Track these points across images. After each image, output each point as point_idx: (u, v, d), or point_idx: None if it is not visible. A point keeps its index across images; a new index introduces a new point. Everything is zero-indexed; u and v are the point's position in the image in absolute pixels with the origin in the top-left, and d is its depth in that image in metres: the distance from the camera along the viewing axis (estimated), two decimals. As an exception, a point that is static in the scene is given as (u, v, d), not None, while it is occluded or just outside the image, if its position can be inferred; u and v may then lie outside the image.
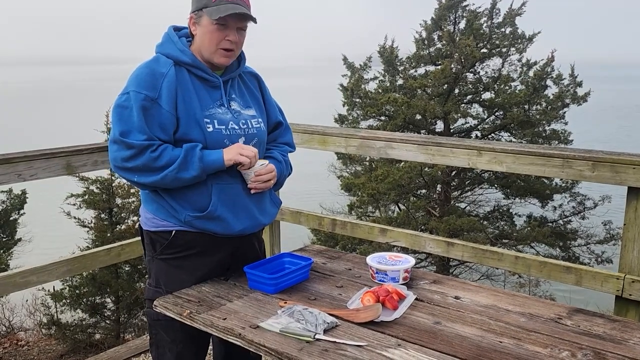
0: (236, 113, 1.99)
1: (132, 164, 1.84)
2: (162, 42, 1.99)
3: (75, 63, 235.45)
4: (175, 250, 1.97)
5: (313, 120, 3.73)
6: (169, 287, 1.95)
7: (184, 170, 1.85)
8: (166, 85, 1.87)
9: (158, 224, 1.97)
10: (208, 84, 1.96)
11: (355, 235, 3.34)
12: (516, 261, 2.71)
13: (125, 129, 1.84)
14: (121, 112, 1.86)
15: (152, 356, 2.08)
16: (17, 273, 2.65)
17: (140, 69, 1.92)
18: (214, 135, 1.92)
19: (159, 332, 2.01)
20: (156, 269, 2.01)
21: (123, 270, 8.42)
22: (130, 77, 1.92)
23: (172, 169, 1.84)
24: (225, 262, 2.05)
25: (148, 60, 1.95)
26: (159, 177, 1.85)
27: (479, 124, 11.85)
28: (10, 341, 7.79)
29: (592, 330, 1.65)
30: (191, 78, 1.93)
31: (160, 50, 1.96)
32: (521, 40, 11.47)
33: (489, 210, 11.81)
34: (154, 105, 1.85)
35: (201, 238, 1.95)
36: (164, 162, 1.84)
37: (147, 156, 1.83)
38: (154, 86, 1.86)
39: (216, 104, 1.96)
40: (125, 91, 1.88)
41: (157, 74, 1.88)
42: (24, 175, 2.54)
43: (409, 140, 2.95)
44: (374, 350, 1.51)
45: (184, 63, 1.92)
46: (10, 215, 9.51)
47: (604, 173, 2.38)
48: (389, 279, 1.94)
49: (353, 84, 11.57)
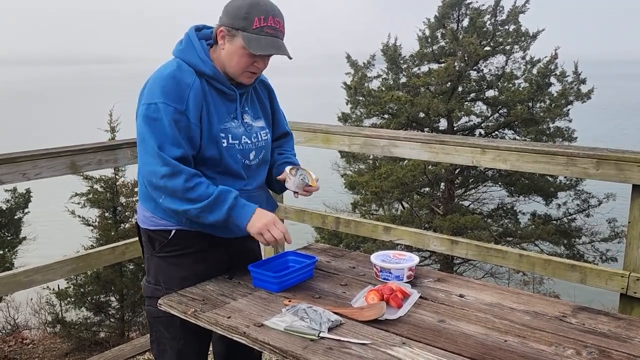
0: (248, 127, 1.98)
1: (163, 183, 1.80)
2: (183, 47, 1.90)
3: (78, 62, 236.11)
4: (174, 249, 1.97)
5: (316, 119, 3.73)
6: (168, 284, 1.96)
7: (208, 212, 1.82)
8: (193, 97, 1.82)
9: (157, 223, 1.96)
10: (225, 96, 1.92)
11: (359, 233, 3.34)
12: (520, 259, 2.71)
13: (160, 142, 1.79)
14: (152, 124, 1.80)
15: (153, 354, 2.08)
16: (21, 272, 2.66)
17: (165, 79, 1.83)
18: (229, 150, 1.91)
19: (159, 329, 2.01)
20: (155, 266, 2.01)
21: (127, 268, 8.44)
22: (153, 85, 1.84)
23: (197, 207, 1.80)
24: (225, 260, 2.05)
25: (170, 68, 1.86)
26: (182, 209, 1.82)
27: (483, 121, 11.82)
28: (16, 339, 7.82)
29: (596, 328, 1.65)
30: (209, 89, 1.89)
31: (180, 56, 1.88)
32: (525, 38, 11.44)
33: (493, 208, 11.79)
34: (182, 117, 1.81)
35: (200, 237, 1.95)
36: (194, 196, 1.80)
37: (180, 184, 1.79)
38: (181, 98, 1.81)
39: (230, 116, 1.93)
40: (152, 101, 1.81)
41: (183, 85, 1.82)
42: (28, 174, 2.55)
43: (413, 138, 2.95)
44: (378, 348, 1.51)
45: (204, 74, 1.87)
46: (15, 214, 9.53)
47: (608, 171, 2.38)
48: (393, 277, 1.93)
49: (356, 82, 11.55)
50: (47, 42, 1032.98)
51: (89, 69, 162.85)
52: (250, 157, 1.98)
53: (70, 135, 4.85)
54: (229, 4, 1.85)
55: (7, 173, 2.49)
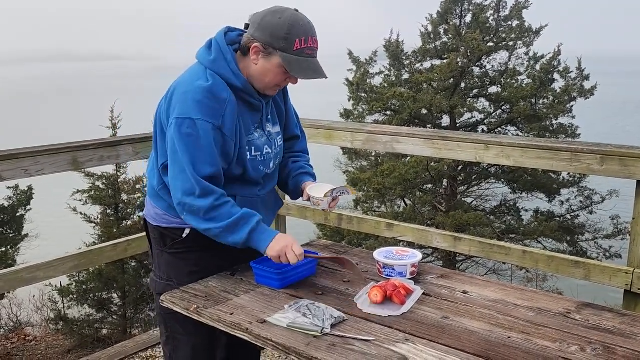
0: (270, 135, 1.97)
1: (189, 201, 1.78)
2: (214, 58, 1.82)
3: (78, 60, 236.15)
4: (185, 245, 1.97)
5: (318, 115, 3.71)
6: (179, 279, 1.96)
7: (230, 232, 1.81)
8: (229, 112, 1.79)
9: (170, 221, 1.96)
10: (251, 107, 1.89)
11: (362, 230, 3.33)
12: (524, 256, 2.70)
13: (192, 159, 1.76)
14: (186, 140, 1.76)
15: (167, 350, 2.06)
16: (23, 269, 2.66)
17: (202, 93, 1.77)
18: (252, 162, 1.90)
19: (173, 325, 2.00)
20: (166, 262, 2.00)
21: (129, 265, 8.45)
22: (187, 97, 1.77)
23: (218, 227, 1.79)
24: (241, 258, 2.03)
25: (204, 80, 1.79)
26: (203, 228, 1.81)
27: (486, 118, 11.80)
28: (18, 336, 7.84)
29: (601, 324, 1.63)
30: (238, 102, 1.85)
31: (211, 67, 1.82)
32: (528, 34, 11.40)
33: (496, 205, 11.78)
34: (219, 134, 1.78)
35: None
36: (216, 215, 1.79)
37: (207, 204, 1.78)
38: (218, 113, 1.77)
39: (254, 126, 1.91)
40: (187, 116, 1.75)
41: (220, 100, 1.78)
42: (30, 170, 2.55)
43: (416, 134, 2.93)
44: (381, 345, 1.50)
45: (236, 87, 1.83)
46: (17, 211, 9.55)
47: (612, 167, 2.36)
48: (396, 273, 1.92)
49: (359, 78, 11.53)
50: (47, 40, 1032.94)
51: (90, 67, 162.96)
52: (270, 166, 1.98)
53: (72, 133, 4.85)
54: (266, 19, 1.78)
55: (8, 169, 2.49)
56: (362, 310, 1.69)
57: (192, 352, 2.00)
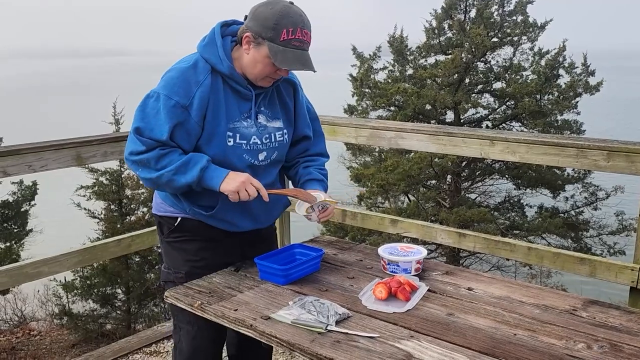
0: (261, 127, 1.94)
1: (139, 158, 1.83)
2: (205, 43, 1.88)
3: (81, 56, 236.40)
4: (180, 235, 2.00)
5: (321, 111, 3.69)
6: (175, 268, 1.99)
7: (181, 173, 1.81)
8: (199, 94, 1.81)
9: (166, 209, 2.00)
10: (239, 95, 1.89)
11: (366, 226, 3.32)
12: (529, 252, 2.68)
13: (146, 125, 1.81)
14: (145, 109, 1.82)
15: (174, 339, 2.10)
16: (28, 264, 2.66)
17: (175, 71, 1.84)
18: (234, 149, 1.89)
19: (177, 314, 2.03)
20: (165, 251, 2.05)
21: (133, 261, 8.48)
22: (163, 78, 1.86)
23: (169, 169, 1.81)
24: (231, 250, 2.04)
25: (185, 64, 1.86)
26: (156, 175, 1.82)
27: (490, 114, 11.75)
28: (23, 331, 7.88)
29: (608, 322, 1.62)
30: (224, 87, 1.87)
31: (201, 52, 1.87)
32: (533, 29, 11.34)
33: (500, 201, 11.75)
34: (183, 112, 1.80)
35: (205, 228, 1.96)
36: (166, 161, 1.81)
37: (156, 152, 1.81)
38: (186, 93, 1.80)
39: (243, 116, 1.90)
40: (156, 91, 1.82)
41: (193, 82, 1.81)
42: (34, 166, 2.55)
43: (420, 130, 2.92)
44: (386, 341, 1.50)
45: (220, 72, 1.85)
46: (22, 206, 9.58)
47: (619, 163, 2.34)
48: (400, 270, 1.91)
49: (362, 74, 11.50)
50: (50, 36, 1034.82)
51: (93, 63, 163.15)
52: (259, 158, 1.95)
53: (75, 128, 4.85)
54: (258, 9, 1.81)
55: (12, 165, 2.49)
56: (367, 307, 1.69)
57: (194, 342, 2.02)
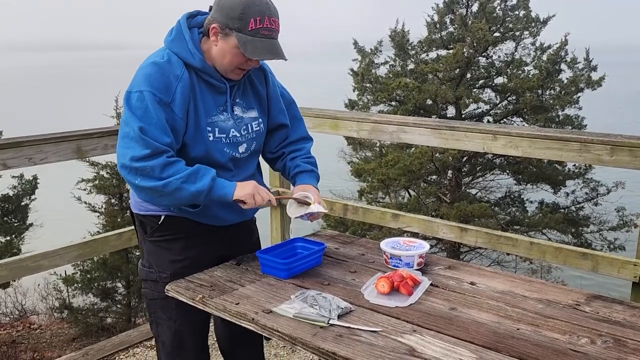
0: (238, 119, 1.92)
1: (141, 164, 1.74)
2: (172, 37, 1.84)
3: (82, 48, 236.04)
4: (165, 233, 1.96)
5: (322, 106, 3.68)
6: (160, 267, 1.96)
7: (191, 182, 1.75)
8: (180, 90, 1.77)
9: (148, 208, 1.95)
10: (214, 89, 1.87)
11: (367, 220, 3.31)
12: (531, 247, 2.67)
13: (145, 126, 1.74)
14: (135, 110, 1.74)
15: (153, 333, 2.10)
16: (28, 257, 2.65)
17: (151, 67, 1.78)
18: (215, 144, 1.86)
19: (156, 310, 2.01)
20: (147, 250, 2.00)
21: (134, 255, 8.47)
22: (139, 74, 1.79)
23: (178, 177, 1.74)
24: (220, 246, 2.02)
25: (159, 59, 1.81)
26: (162, 183, 1.74)
27: (491, 109, 11.72)
28: (23, 324, 7.89)
29: (611, 317, 1.61)
30: (198, 82, 1.84)
31: (170, 47, 1.83)
32: (535, 24, 11.30)
33: (500, 196, 11.73)
34: (167, 109, 1.76)
35: (190, 224, 1.93)
36: (172, 171, 1.75)
37: (162, 159, 1.74)
38: (167, 89, 1.76)
39: (219, 109, 1.88)
40: (137, 89, 1.76)
41: (172, 77, 1.77)
42: (34, 159, 2.54)
43: (423, 124, 2.90)
44: (389, 335, 1.49)
45: (193, 66, 1.82)
46: (22, 200, 9.57)
47: (622, 157, 2.33)
48: (403, 264, 1.91)
49: (363, 68, 11.47)
50: (52, 29, 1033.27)
51: (94, 56, 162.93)
52: (239, 150, 1.93)
53: (76, 122, 4.83)
54: (223, 0, 1.77)
55: (12, 157, 2.48)
56: (369, 301, 1.68)
57: (175, 336, 2.01)
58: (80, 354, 2.98)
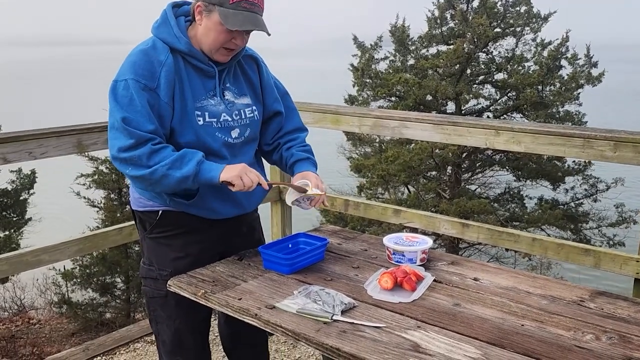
0: (229, 104, 1.90)
1: (128, 154, 1.74)
2: (158, 24, 1.85)
3: (82, 43, 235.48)
4: (164, 230, 1.94)
5: (322, 101, 3.66)
6: (160, 265, 1.95)
7: (176, 168, 1.74)
8: (165, 74, 1.77)
9: (145, 204, 1.94)
10: (202, 73, 1.86)
11: (368, 216, 3.30)
12: (533, 243, 2.67)
13: (129, 116, 1.74)
14: (121, 99, 1.75)
15: (153, 331, 2.09)
16: (28, 252, 2.64)
17: (136, 54, 1.79)
18: (205, 129, 1.84)
19: (156, 309, 2.00)
20: (147, 247, 1.99)
21: (133, 250, 8.48)
22: (125, 63, 1.80)
23: (164, 164, 1.74)
24: (219, 241, 2.01)
25: (144, 46, 1.82)
26: (149, 171, 1.74)
27: (491, 105, 11.72)
28: (22, 319, 7.88)
29: (616, 313, 1.60)
30: (185, 66, 1.83)
31: (156, 34, 1.84)
32: (536, 20, 11.28)
33: (500, 192, 11.74)
34: (152, 95, 1.76)
35: (188, 218, 1.92)
36: (159, 158, 1.75)
37: (148, 147, 1.74)
38: (152, 75, 1.76)
39: (209, 94, 1.87)
40: (122, 78, 1.76)
41: (155, 62, 1.77)
42: (34, 153, 2.52)
43: (425, 119, 2.89)
44: (392, 331, 1.48)
45: (179, 50, 1.81)
46: (20, 195, 9.55)
47: (625, 153, 2.32)
48: (406, 260, 1.90)
49: (363, 63, 11.44)
50: (52, 24, 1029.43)
51: (94, 50, 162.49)
52: (232, 135, 1.91)
53: (76, 116, 4.81)
54: None
55: (13, 152, 2.46)
56: (372, 297, 1.67)
57: (175, 335, 2.00)
58: (81, 348, 2.97)
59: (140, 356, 3.08)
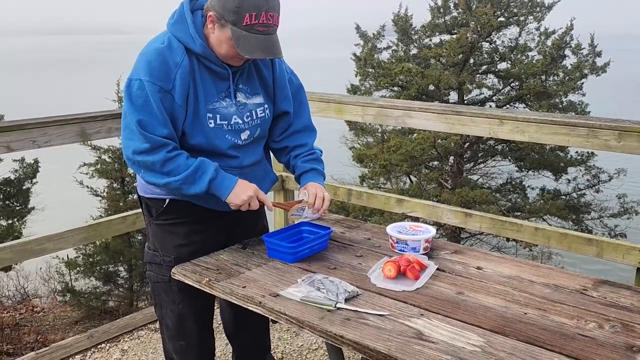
0: (241, 106, 1.89)
1: (142, 159, 1.76)
2: (174, 21, 1.82)
3: (85, 32, 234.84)
4: (169, 217, 1.96)
5: (323, 90, 3.65)
6: (164, 251, 1.96)
7: (189, 183, 1.78)
8: (180, 76, 1.76)
9: (153, 191, 1.95)
10: (216, 75, 1.84)
11: (371, 205, 3.30)
12: (536, 232, 2.67)
13: (144, 118, 1.74)
14: (135, 99, 1.75)
15: (157, 316, 2.11)
16: (33, 240, 2.65)
17: (152, 53, 1.77)
18: (215, 131, 1.85)
19: (160, 293, 2.02)
20: (153, 233, 2.01)
21: (136, 239, 8.49)
22: (140, 60, 1.78)
23: (177, 179, 1.77)
24: (223, 229, 2.02)
25: (159, 44, 1.79)
26: (163, 182, 1.79)
27: (494, 94, 11.66)
28: (26, 307, 7.92)
29: (619, 301, 1.61)
30: (199, 68, 1.81)
31: (172, 31, 1.81)
32: (540, 9, 11.20)
33: (502, 182, 11.72)
34: (167, 97, 1.75)
35: (194, 208, 1.93)
36: (173, 167, 1.77)
37: (162, 155, 1.75)
38: (167, 77, 1.75)
39: (221, 95, 1.86)
40: (137, 77, 1.75)
41: (171, 64, 1.76)
42: (38, 141, 2.52)
43: (429, 109, 2.88)
44: (396, 319, 1.49)
45: (194, 52, 1.79)
46: (23, 184, 9.56)
47: (630, 143, 2.31)
48: (409, 248, 1.90)
49: (366, 53, 11.39)
50: (53, 13, 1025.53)
51: (96, 40, 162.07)
52: (242, 137, 1.91)
53: (79, 105, 4.81)
54: None
55: (16, 140, 2.47)
56: (376, 285, 1.68)
57: (179, 320, 2.02)
58: (85, 336, 2.99)
59: (144, 343, 3.10)
